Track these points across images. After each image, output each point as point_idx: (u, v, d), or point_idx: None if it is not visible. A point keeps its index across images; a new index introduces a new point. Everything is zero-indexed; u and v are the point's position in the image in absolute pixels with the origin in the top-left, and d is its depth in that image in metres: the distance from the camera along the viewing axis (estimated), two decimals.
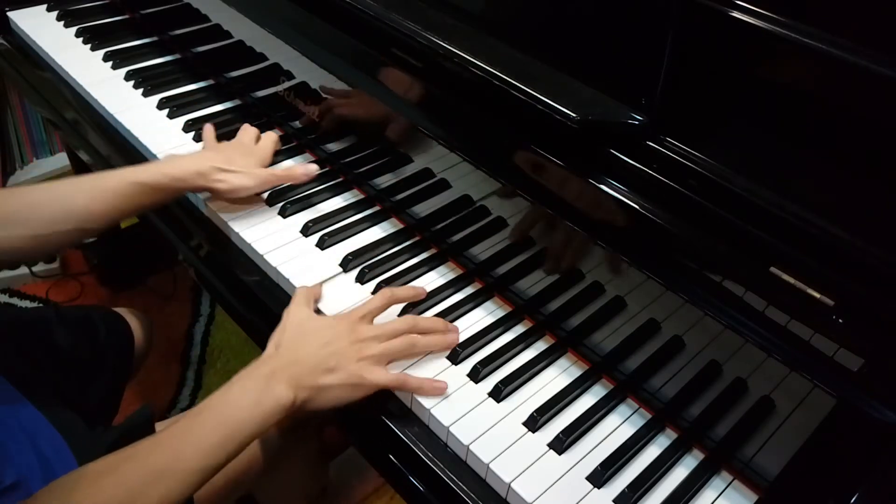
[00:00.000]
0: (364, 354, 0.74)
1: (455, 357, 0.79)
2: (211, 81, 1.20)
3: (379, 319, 0.80)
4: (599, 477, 0.70)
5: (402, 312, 0.84)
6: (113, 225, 0.87)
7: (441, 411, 0.74)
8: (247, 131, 1.02)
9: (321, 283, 0.86)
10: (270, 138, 1.01)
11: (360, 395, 0.74)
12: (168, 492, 0.63)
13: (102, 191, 0.85)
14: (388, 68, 0.88)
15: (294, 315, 0.79)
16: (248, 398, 0.69)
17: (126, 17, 1.34)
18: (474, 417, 0.74)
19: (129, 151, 1.08)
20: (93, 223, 0.85)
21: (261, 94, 1.12)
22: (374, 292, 0.86)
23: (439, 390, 0.75)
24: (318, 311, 0.84)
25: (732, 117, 0.69)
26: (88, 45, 1.25)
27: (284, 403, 0.69)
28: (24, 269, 1.78)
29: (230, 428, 0.67)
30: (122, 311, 1.15)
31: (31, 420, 0.82)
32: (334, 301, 0.84)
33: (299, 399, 0.71)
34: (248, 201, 0.96)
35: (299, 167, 0.96)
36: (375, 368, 0.74)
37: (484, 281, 0.88)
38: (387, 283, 0.87)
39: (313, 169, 0.96)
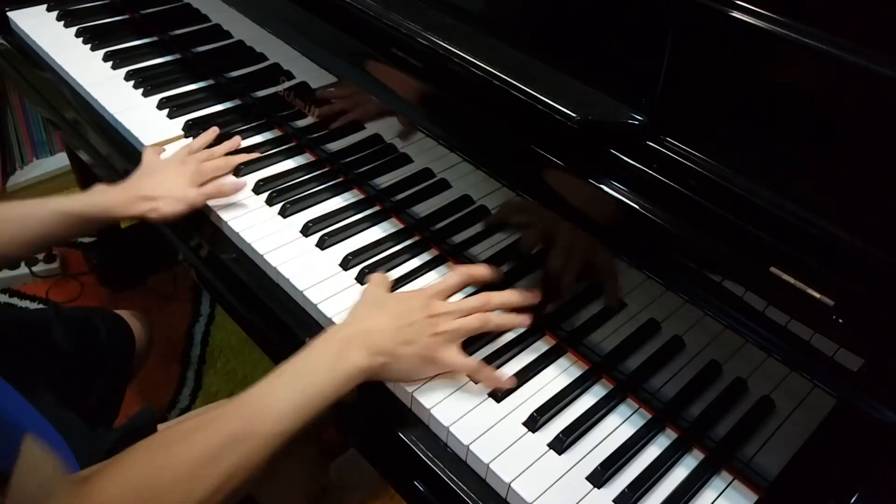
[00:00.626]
0: (438, 330, 0.74)
1: None
2: (211, 81, 1.20)
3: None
4: (599, 477, 0.70)
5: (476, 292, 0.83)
6: (36, 253, 0.88)
7: (441, 411, 0.74)
8: (187, 148, 1.00)
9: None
10: (215, 163, 0.98)
11: (430, 371, 0.75)
12: (245, 456, 0.63)
13: (29, 221, 0.86)
14: (389, 68, 0.88)
15: (370, 290, 0.81)
16: (324, 362, 0.70)
17: (126, 17, 1.34)
18: (474, 417, 0.74)
19: (129, 152, 1.08)
20: (15, 252, 0.86)
21: (261, 94, 1.12)
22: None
23: (505, 385, 0.76)
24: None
25: (732, 117, 0.69)
26: (88, 45, 1.25)
27: (360, 368, 0.70)
28: (24, 269, 1.78)
29: (307, 392, 0.67)
30: (122, 313, 1.15)
31: (31, 421, 0.82)
32: (334, 301, 0.84)
33: (374, 365, 0.71)
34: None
35: (228, 182, 0.97)
36: (449, 347, 0.75)
37: None
38: None
39: (241, 183, 0.97)
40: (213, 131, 1.04)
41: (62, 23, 1.29)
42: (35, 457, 0.57)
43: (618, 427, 0.75)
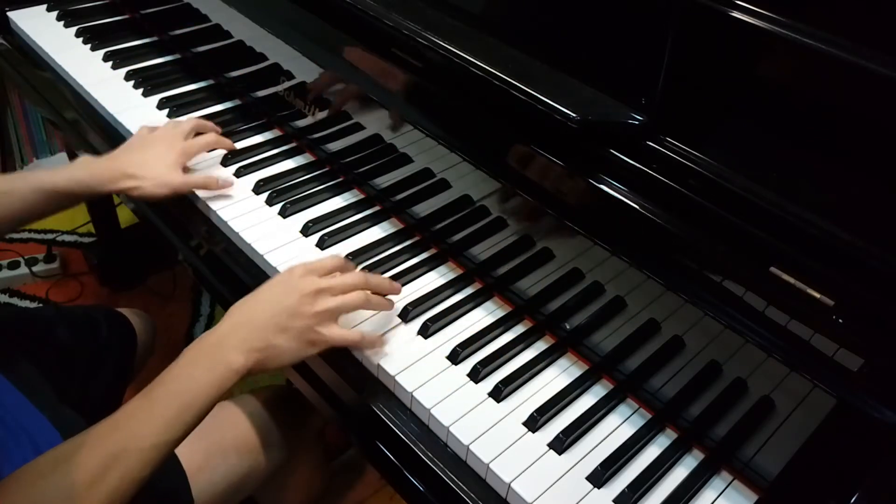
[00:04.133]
0: (318, 309, 0.72)
1: (455, 357, 0.79)
2: (211, 81, 1.20)
3: None
4: (599, 477, 0.70)
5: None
6: (20, 227, 0.88)
7: (441, 411, 0.74)
8: (178, 125, 0.99)
9: None
10: (203, 139, 0.98)
11: (315, 351, 0.73)
12: (128, 471, 0.62)
13: (11, 198, 0.85)
14: (389, 68, 0.88)
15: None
16: (198, 368, 0.68)
17: (126, 17, 1.34)
18: (474, 417, 0.74)
19: None
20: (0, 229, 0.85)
21: (261, 94, 1.12)
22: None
23: (380, 343, 0.78)
24: None
25: (732, 117, 0.69)
26: (88, 45, 1.25)
27: (236, 368, 0.68)
28: (24, 269, 1.78)
29: (183, 400, 0.66)
30: (125, 311, 1.15)
31: (30, 419, 0.82)
32: None
33: (251, 361, 0.69)
34: None
35: (217, 178, 0.96)
36: (331, 325, 0.73)
37: (484, 281, 0.88)
38: None
39: (229, 182, 0.96)
40: (213, 129, 1.03)
41: (62, 23, 1.29)
42: None
43: (618, 427, 0.75)
